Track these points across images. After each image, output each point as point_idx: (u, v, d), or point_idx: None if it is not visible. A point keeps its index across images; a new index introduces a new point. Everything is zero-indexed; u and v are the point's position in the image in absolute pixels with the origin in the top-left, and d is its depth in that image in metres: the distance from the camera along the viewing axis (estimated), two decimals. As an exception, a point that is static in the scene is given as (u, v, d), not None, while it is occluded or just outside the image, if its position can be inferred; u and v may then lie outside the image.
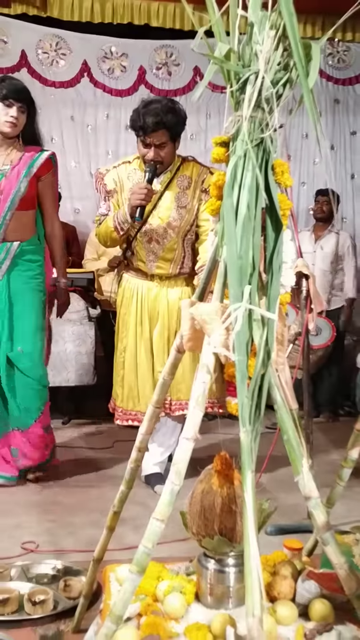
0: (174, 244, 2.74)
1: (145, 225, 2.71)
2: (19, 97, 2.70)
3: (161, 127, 2.56)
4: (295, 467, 1.15)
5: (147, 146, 2.61)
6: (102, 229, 2.72)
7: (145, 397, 2.75)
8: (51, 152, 2.86)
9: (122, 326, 2.84)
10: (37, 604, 1.66)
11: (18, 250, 2.78)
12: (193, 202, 2.72)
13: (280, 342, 1.26)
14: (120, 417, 2.83)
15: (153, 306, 2.77)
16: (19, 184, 2.73)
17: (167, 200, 2.70)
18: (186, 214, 2.71)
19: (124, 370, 2.82)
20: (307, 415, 2.52)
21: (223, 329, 1.15)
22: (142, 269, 2.78)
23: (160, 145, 2.61)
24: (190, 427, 1.14)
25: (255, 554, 1.00)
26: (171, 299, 2.78)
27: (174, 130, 2.62)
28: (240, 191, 1.22)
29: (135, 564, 1.10)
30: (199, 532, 1.39)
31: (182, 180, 2.73)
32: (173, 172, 2.72)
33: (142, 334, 2.78)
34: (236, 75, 1.26)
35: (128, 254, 2.82)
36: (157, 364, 2.77)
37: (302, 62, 1.19)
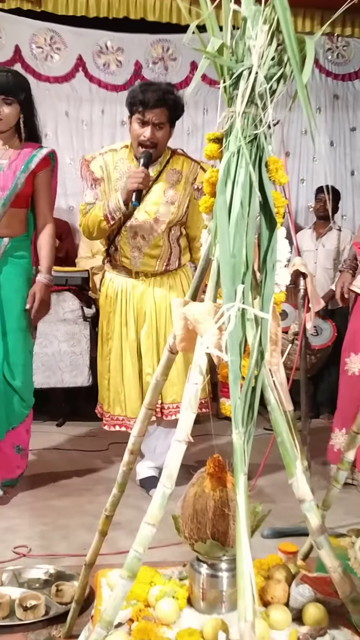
0: (160, 240, 2.64)
1: (131, 219, 2.60)
2: (2, 89, 2.57)
3: (162, 104, 2.47)
4: (289, 470, 1.13)
5: (144, 125, 2.50)
6: (90, 218, 2.60)
7: (132, 402, 2.69)
8: (50, 150, 2.77)
9: (107, 327, 2.74)
10: (29, 609, 1.64)
11: (8, 246, 2.71)
12: (183, 199, 2.63)
13: (275, 342, 1.24)
14: (107, 423, 2.77)
15: (139, 306, 2.68)
16: (16, 180, 2.66)
17: (155, 195, 2.61)
18: (175, 210, 2.62)
19: (110, 374, 2.74)
20: (304, 416, 2.50)
21: (216, 329, 1.13)
22: (127, 265, 2.68)
23: (159, 125, 2.50)
24: (182, 429, 1.12)
25: (248, 557, 0.98)
26: (158, 298, 2.68)
27: (173, 113, 2.53)
28: (234, 188, 1.20)
29: (126, 568, 1.08)
30: (191, 536, 1.37)
31: (171, 175, 2.64)
32: (162, 165, 2.63)
33: (128, 335, 2.69)
34: (229, 70, 1.23)
35: (111, 250, 2.71)
36: (145, 366, 2.70)
37: (296, 57, 1.17)
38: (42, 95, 4.75)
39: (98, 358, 2.82)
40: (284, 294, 1.40)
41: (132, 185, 2.43)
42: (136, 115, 2.51)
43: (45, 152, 2.72)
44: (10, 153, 2.69)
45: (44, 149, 2.74)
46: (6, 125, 2.65)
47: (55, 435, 3.73)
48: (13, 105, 2.63)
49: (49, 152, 2.74)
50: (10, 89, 2.60)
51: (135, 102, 2.49)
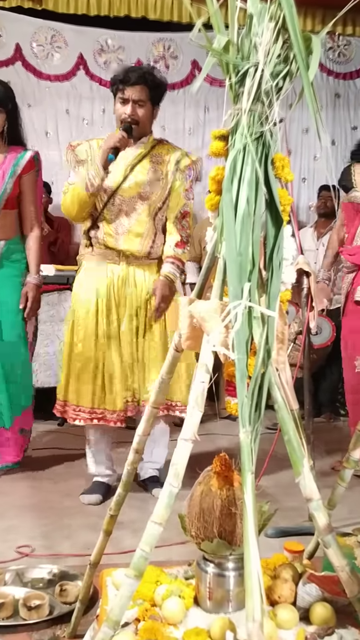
0: (145, 217, 2.60)
1: (116, 196, 2.57)
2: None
3: (142, 82, 2.53)
4: (296, 468, 1.12)
5: (125, 102, 2.54)
6: (70, 193, 2.56)
7: (114, 393, 2.57)
8: (34, 152, 2.89)
9: (85, 315, 2.60)
10: (33, 609, 1.63)
11: (5, 249, 2.82)
12: (167, 179, 2.63)
13: (281, 340, 1.23)
14: (80, 418, 2.59)
15: (119, 293, 2.59)
16: (5, 185, 2.77)
17: (139, 174, 2.61)
18: (159, 189, 2.61)
19: (81, 364, 2.59)
20: (307, 415, 2.50)
21: (222, 327, 1.13)
22: (110, 245, 2.59)
23: (139, 102, 2.55)
24: (189, 428, 1.11)
25: (256, 557, 0.98)
26: (139, 285, 2.61)
27: (153, 92, 2.58)
28: (240, 186, 1.20)
29: (133, 568, 1.08)
30: (197, 535, 1.36)
31: (156, 157, 2.65)
32: (147, 149, 2.65)
33: (109, 324, 2.58)
34: (235, 67, 1.23)
35: (93, 232, 2.63)
36: (125, 355, 2.59)
37: (302, 55, 1.16)
38: (43, 93, 4.75)
39: (67, 353, 2.65)
40: (290, 292, 1.40)
41: (108, 143, 2.46)
42: (118, 94, 2.57)
43: (29, 155, 2.84)
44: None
45: (28, 151, 2.86)
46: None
47: (57, 434, 3.72)
48: (1, 114, 2.77)
49: (33, 154, 2.86)
50: (1, 100, 2.75)
51: (116, 81, 2.57)
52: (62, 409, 2.67)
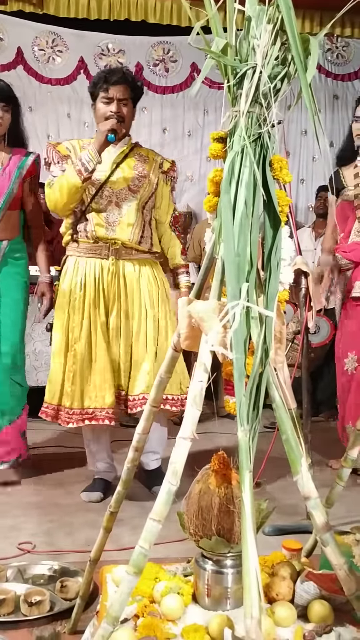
0: (135, 207, 2.61)
1: (105, 189, 2.59)
2: (1, 96, 2.75)
3: (124, 82, 2.58)
4: (294, 467, 1.13)
5: (109, 102, 2.56)
6: (59, 182, 2.53)
7: (103, 391, 2.53)
8: (37, 155, 2.93)
9: (73, 314, 2.58)
10: (34, 604, 1.65)
11: (7, 249, 2.86)
12: (152, 176, 2.67)
13: (279, 340, 1.25)
14: (73, 420, 2.57)
15: (109, 288, 2.57)
16: (11, 185, 2.81)
17: (127, 168, 2.64)
18: (146, 184, 2.65)
19: (76, 366, 2.56)
20: (305, 414, 2.51)
21: (220, 326, 1.14)
22: (101, 235, 2.56)
23: (123, 101, 2.58)
24: (188, 426, 1.12)
25: (254, 554, 0.99)
26: (128, 281, 2.59)
27: (134, 91, 2.63)
28: (238, 187, 1.21)
29: (132, 564, 1.09)
30: (196, 533, 1.37)
31: (138, 155, 2.70)
32: (129, 147, 2.69)
33: (99, 320, 2.56)
34: (233, 70, 1.24)
35: (81, 225, 2.60)
36: (114, 353, 2.57)
37: (301, 56, 1.18)
38: (44, 97, 4.78)
39: (56, 351, 2.62)
40: (288, 292, 1.41)
41: (105, 126, 2.50)
42: (101, 95, 2.58)
43: (32, 158, 2.90)
44: (2, 158, 2.85)
45: (31, 154, 2.91)
46: (3, 130, 2.82)
47: (57, 433, 3.73)
48: (9, 112, 2.80)
49: (35, 158, 2.91)
50: (7, 97, 2.79)
51: (98, 82, 2.59)
52: (54, 413, 2.62)
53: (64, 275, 2.64)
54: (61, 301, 2.63)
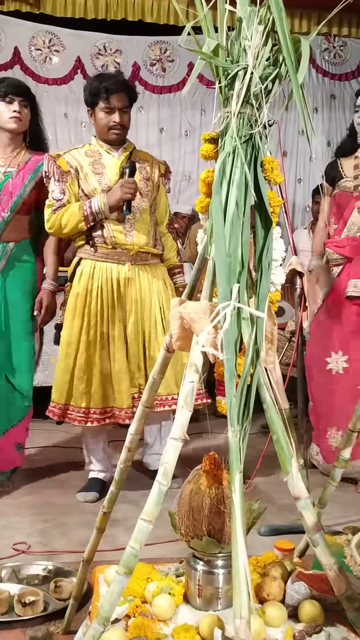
0: (147, 212, 2.70)
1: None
2: (18, 91, 2.73)
3: (123, 89, 2.62)
4: (285, 468, 1.14)
5: (110, 111, 2.61)
6: (65, 217, 2.59)
7: (122, 392, 2.60)
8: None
9: (89, 317, 2.62)
10: (27, 605, 1.65)
11: (14, 250, 2.82)
12: (154, 179, 2.75)
13: (270, 340, 1.25)
14: (91, 420, 2.62)
15: (125, 292, 2.62)
16: (24, 188, 2.77)
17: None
18: (151, 186, 2.73)
19: (91, 366, 2.61)
20: (300, 414, 2.51)
21: (211, 327, 1.14)
22: (120, 241, 2.61)
23: (124, 109, 2.64)
24: (178, 427, 1.13)
25: (243, 555, 0.99)
26: (142, 285, 2.66)
27: (131, 97, 2.68)
28: (229, 188, 1.21)
29: (123, 565, 1.09)
30: (187, 533, 1.37)
31: (140, 159, 2.75)
32: (129, 151, 2.73)
33: (116, 323, 2.62)
34: (225, 71, 1.24)
35: (96, 231, 2.63)
36: (131, 355, 2.63)
37: (292, 57, 1.17)
38: (41, 97, 4.76)
39: (65, 352, 2.65)
40: (280, 293, 1.41)
41: (125, 195, 2.55)
42: (101, 104, 2.62)
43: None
44: (19, 160, 2.80)
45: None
46: (23, 127, 2.78)
47: (54, 433, 3.74)
48: (28, 108, 2.78)
49: None
50: (26, 92, 2.78)
51: (98, 92, 2.61)
52: (61, 412, 2.66)
53: (79, 278, 2.67)
54: (74, 303, 2.65)
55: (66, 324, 2.69)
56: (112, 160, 2.67)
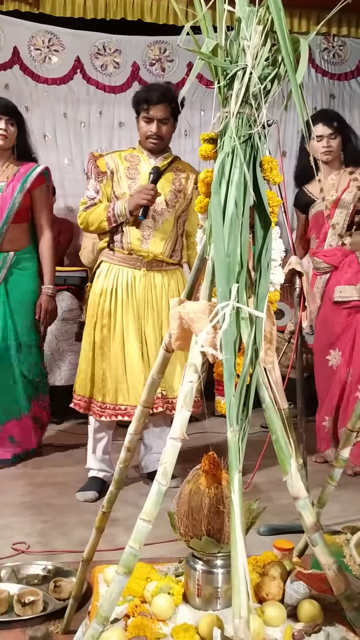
0: (171, 221, 2.76)
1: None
2: (5, 110, 2.92)
3: (165, 100, 2.69)
4: (284, 467, 1.14)
5: (149, 121, 2.71)
6: (92, 215, 2.71)
7: (135, 390, 2.67)
8: (44, 167, 3.04)
9: (102, 316, 2.71)
10: (27, 605, 1.65)
11: (14, 259, 2.98)
12: (187, 191, 2.80)
13: (269, 340, 1.25)
14: (105, 414, 2.69)
15: (140, 296, 2.71)
16: (14, 200, 2.92)
17: (165, 183, 2.77)
18: (182, 198, 2.78)
19: (106, 363, 2.70)
20: (300, 414, 2.51)
21: (210, 327, 1.14)
22: (135, 248, 2.69)
23: (163, 120, 2.71)
24: (178, 427, 1.13)
25: (243, 555, 0.99)
26: (158, 289, 2.74)
27: (174, 108, 2.74)
28: (228, 188, 1.21)
29: (122, 565, 1.09)
30: (186, 533, 1.38)
31: (176, 170, 2.82)
32: (169, 161, 2.81)
33: (131, 324, 2.70)
34: (223, 71, 1.24)
35: (117, 235, 2.73)
36: (151, 357, 2.70)
37: (290, 57, 1.17)
38: (40, 96, 4.77)
39: (86, 347, 2.76)
40: (279, 293, 1.41)
41: (141, 200, 2.62)
42: (142, 114, 2.73)
43: (38, 170, 3.01)
44: (8, 173, 2.97)
45: (38, 167, 3.02)
46: (9, 143, 2.96)
47: (55, 432, 3.74)
48: (15, 126, 2.96)
49: (42, 170, 3.02)
50: (13, 111, 2.96)
51: (140, 101, 2.73)
52: (86, 405, 2.76)
53: (97, 279, 2.78)
54: (92, 303, 2.77)
55: (87, 322, 2.83)
56: (148, 167, 2.75)
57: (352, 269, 3.04)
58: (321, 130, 3.06)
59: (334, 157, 3.11)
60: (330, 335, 3.11)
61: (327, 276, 3.11)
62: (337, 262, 3.08)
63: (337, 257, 3.08)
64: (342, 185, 3.08)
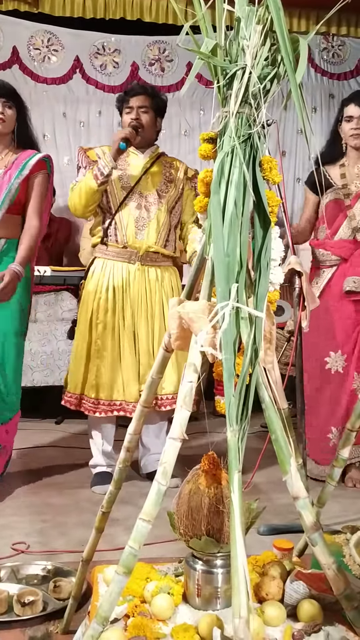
0: (164, 211, 2.78)
1: (135, 193, 2.75)
2: (1, 92, 2.73)
3: (143, 92, 2.79)
4: (283, 467, 1.14)
5: (130, 111, 2.76)
6: (77, 186, 2.71)
7: (130, 386, 2.71)
8: (45, 155, 2.83)
9: (97, 312, 2.73)
10: (27, 605, 1.65)
11: (5, 247, 2.77)
12: (178, 181, 2.84)
13: (269, 340, 1.25)
14: (100, 410, 2.70)
15: (135, 291, 2.73)
16: (10, 187, 2.73)
17: (155, 174, 2.82)
18: (173, 189, 2.82)
19: (101, 360, 2.71)
20: (299, 413, 2.51)
21: (210, 327, 1.14)
22: (129, 240, 2.71)
23: (142, 108, 2.76)
24: (177, 427, 1.13)
25: (242, 555, 0.99)
26: (152, 285, 2.76)
27: (154, 101, 2.80)
28: (228, 188, 1.21)
29: (122, 565, 1.09)
30: (186, 533, 1.38)
31: (165, 163, 2.87)
32: (155, 156, 2.85)
33: (125, 320, 2.72)
34: (223, 70, 1.24)
35: (110, 230, 2.75)
36: (142, 353, 2.73)
37: (290, 57, 1.17)
38: (40, 96, 4.77)
39: (79, 344, 2.76)
40: (278, 293, 1.41)
41: (118, 135, 2.66)
42: (124, 107, 2.80)
43: (38, 157, 2.77)
44: (6, 161, 2.78)
45: (38, 154, 2.79)
46: (8, 128, 2.77)
47: (53, 432, 3.74)
48: (13, 109, 2.77)
49: (43, 156, 2.80)
50: (10, 93, 2.77)
51: (121, 98, 2.84)
52: (77, 402, 2.77)
53: (91, 275, 2.79)
54: (86, 299, 2.77)
55: (80, 319, 2.83)
56: (136, 160, 2.79)
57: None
58: (352, 111, 2.86)
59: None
60: (330, 334, 2.92)
61: (334, 269, 2.93)
62: (348, 254, 2.89)
63: (348, 249, 2.90)
64: None
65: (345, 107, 2.94)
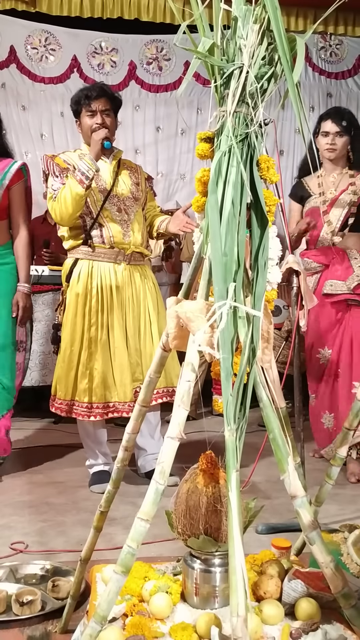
0: (139, 214, 2.84)
1: (113, 197, 2.77)
2: None
3: (104, 95, 2.77)
4: (281, 466, 1.14)
5: (93, 115, 2.74)
6: (62, 194, 2.64)
7: (124, 386, 2.70)
8: (22, 163, 2.96)
9: (89, 315, 2.72)
10: (25, 604, 1.65)
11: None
12: (142, 183, 2.90)
13: (266, 339, 1.25)
14: (96, 414, 2.69)
15: (123, 291, 2.74)
16: None
17: (125, 177, 2.85)
18: (141, 190, 2.88)
19: (93, 362, 2.70)
20: (297, 412, 2.51)
21: (207, 326, 1.14)
22: (117, 241, 2.73)
23: (106, 112, 2.76)
24: (175, 426, 1.13)
25: (240, 553, 0.99)
26: (137, 284, 2.79)
27: (114, 103, 2.81)
28: (225, 187, 1.21)
29: (120, 564, 1.09)
30: (184, 532, 1.38)
31: (127, 165, 2.91)
32: (118, 158, 2.87)
33: (116, 320, 2.72)
34: (220, 70, 1.24)
35: (95, 232, 2.74)
36: (132, 351, 2.75)
37: (287, 56, 1.17)
38: (38, 96, 4.77)
39: (67, 349, 2.72)
40: (276, 292, 1.41)
41: (99, 135, 2.66)
42: (84, 110, 2.76)
43: (17, 166, 2.91)
44: None
45: (16, 163, 2.93)
46: None
47: (52, 432, 3.74)
48: None
49: (20, 165, 2.93)
50: None
51: (80, 99, 2.78)
52: (68, 408, 2.73)
53: (77, 278, 2.75)
54: (75, 303, 2.74)
55: (67, 323, 2.77)
56: (104, 165, 2.80)
57: (342, 266, 3.05)
58: (329, 127, 3.03)
59: (338, 156, 3.06)
60: (320, 333, 3.14)
61: (318, 276, 3.13)
62: (328, 260, 3.09)
63: (327, 256, 3.10)
64: (342, 185, 3.07)
65: (323, 121, 3.06)
